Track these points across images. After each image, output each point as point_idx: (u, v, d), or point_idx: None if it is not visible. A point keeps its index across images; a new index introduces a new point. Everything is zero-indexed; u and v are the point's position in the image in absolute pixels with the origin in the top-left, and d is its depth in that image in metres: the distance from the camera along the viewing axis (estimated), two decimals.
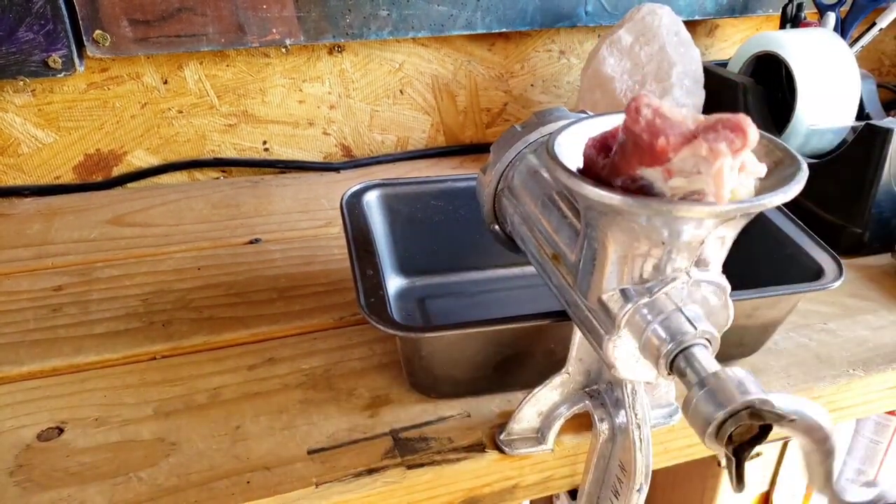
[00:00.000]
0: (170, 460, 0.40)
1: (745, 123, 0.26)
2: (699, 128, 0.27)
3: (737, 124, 0.26)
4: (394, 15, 0.71)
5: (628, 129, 0.28)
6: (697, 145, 0.26)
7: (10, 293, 0.55)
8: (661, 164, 0.27)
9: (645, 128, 0.27)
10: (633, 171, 0.28)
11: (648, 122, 0.27)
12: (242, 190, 0.73)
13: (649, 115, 0.27)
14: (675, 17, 0.71)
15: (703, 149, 0.26)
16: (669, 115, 0.27)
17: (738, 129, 0.26)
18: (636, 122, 0.27)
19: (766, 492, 0.59)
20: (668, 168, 0.27)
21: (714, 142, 0.26)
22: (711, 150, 0.25)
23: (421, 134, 0.81)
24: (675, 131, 0.27)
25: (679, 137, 0.26)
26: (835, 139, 0.66)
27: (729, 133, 0.26)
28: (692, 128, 0.27)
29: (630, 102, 0.28)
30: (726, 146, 0.25)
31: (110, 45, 0.64)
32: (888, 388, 0.49)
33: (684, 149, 0.26)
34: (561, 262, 0.38)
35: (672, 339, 0.29)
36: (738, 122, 0.26)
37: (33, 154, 0.70)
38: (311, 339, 0.50)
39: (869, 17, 0.77)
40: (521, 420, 0.41)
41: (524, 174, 0.42)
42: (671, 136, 0.26)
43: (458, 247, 0.57)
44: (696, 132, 0.26)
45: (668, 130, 0.27)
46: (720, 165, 0.25)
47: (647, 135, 0.27)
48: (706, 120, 0.27)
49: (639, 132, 0.27)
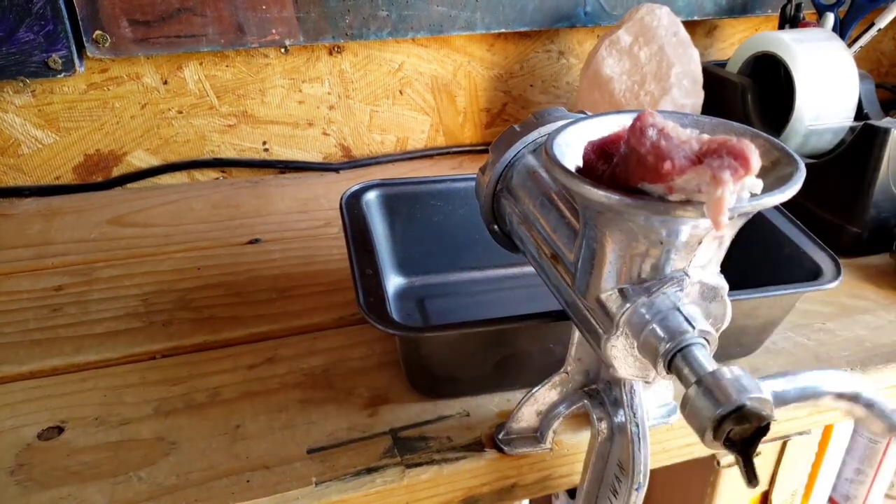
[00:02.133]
0: (169, 459, 0.40)
1: (748, 151, 0.26)
2: (703, 150, 0.27)
3: (740, 152, 0.26)
4: (393, 15, 0.71)
5: (633, 148, 0.28)
6: (702, 171, 0.26)
7: (10, 293, 0.55)
8: (664, 183, 0.27)
9: (650, 150, 0.27)
10: (634, 185, 0.28)
11: (654, 143, 0.27)
12: (242, 190, 0.73)
13: (654, 136, 0.27)
14: (674, 17, 0.71)
15: (707, 175, 0.26)
16: (674, 135, 0.28)
17: (742, 157, 0.26)
18: (641, 144, 0.27)
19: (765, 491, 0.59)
20: (670, 186, 0.27)
21: (718, 169, 0.26)
22: (715, 177, 0.26)
23: (420, 134, 0.82)
24: (680, 154, 0.27)
25: (684, 161, 0.27)
26: (833, 139, 0.66)
27: (732, 161, 0.26)
28: (696, 148, 0.27)
29: (635, 121, 0.28)
30: (730, 174, 0.26)
31: (110, 45, 0.65)
32: (887, 387, 0.49)
33: (688, 172, 0.27)
34: (559, 262, 0.38)
35: (670, 339, 0.29)
36: (741, 150, 0.26)
37: (33, 154, 0.70)
38: (310, 338, 0.50)
39: (868, 18, 0.77)
40: (520, 419, 0.41)
41: (523, 174, 0.42)
42: (676, 161, 0.27)
43: (457, 247, 0.57)
44: (700, 154, 0.27)
45: (673, 153, 0.27)
46: (722, 193, 0.26)
47: (652, 157, 0.27)
48: (711, 142, 0.27)
49: (644, 153, 0.27)
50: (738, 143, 0.26)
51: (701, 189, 0.27)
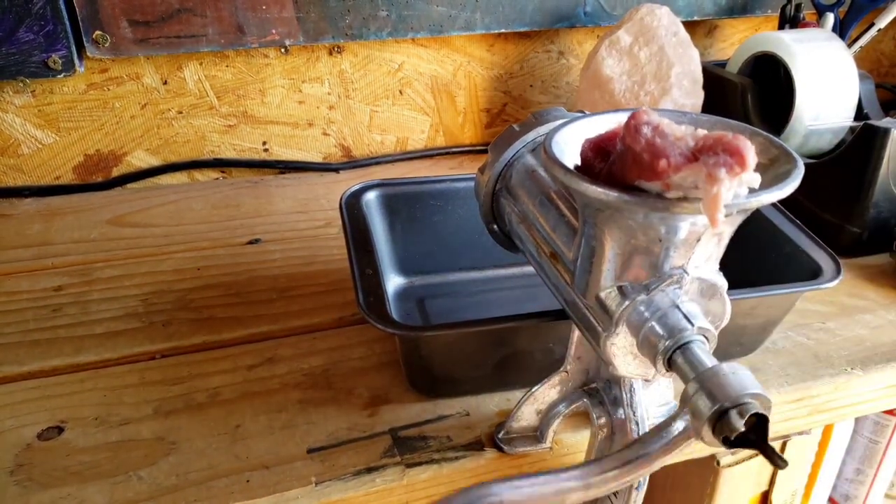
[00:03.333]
0: (169, 459, 0.40)
1: (744, 148, 0.26)
2: (699, 146, 0.27)
3: (736, 149, 0.26)
4: (393, 16, 0.71)
5: (628, 146, 0.28)
6: (698, 169, 0.26)
7: (10, 293, 0.55)
8: (660, 181, 0.27)
9: (646, 147, 0.27)
10: (631, 183, 0.28)
11: (649, 141, 0.27)
12: (242, 190, 0.73)
13: (649, 134, 0.27)
14: (674, 17, 0.71)
15: (702, 173, 0.26)
16: (669, 132, 0.27)
17: (737, 154, 0.26)
18: (637, 142, 0.27)
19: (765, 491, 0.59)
20: (666, 183, 0.27)
21: (714, 167, 0.26)
22: (710, 175, 0.26)
23: (420, 134, 0.82)
24: (676, 151, 0.27)
25: (680, 158, 0.27)
26: (833, 139, 0.66)
27: (728, 158, 0.26)
28: (692, 145, 0.27)
29: (629, 119, 0.28)
30: (725, 172, 0.26)
31: (110, 45, 0.65)
32: (886, 387, 0.49)
33: (684, 169, 0.27)
34: (559, 261, 0.38)
35: (669, 336, 0.29)
36: (737, 148, 0.26)
37: (33, 154, 0.70)
38: (310, 338, 0.50)
39: (867, 18, 0.77)
40: (520, 418, 0.41)
41: (522, 174, 0.42)
42: (672, 158, 0.27)
43: (456, 246, 0.57)
44: (696, 152, 0.27)
45: (668, 151, 0.27)
46: (717, 191, 0.26)
47: (647, 155, 0.27)
48: (706, 138, 0.27)
49: (639, 151, 0.27)
50: (733, 139, 0.26)
51: (697, 186, 0.27)
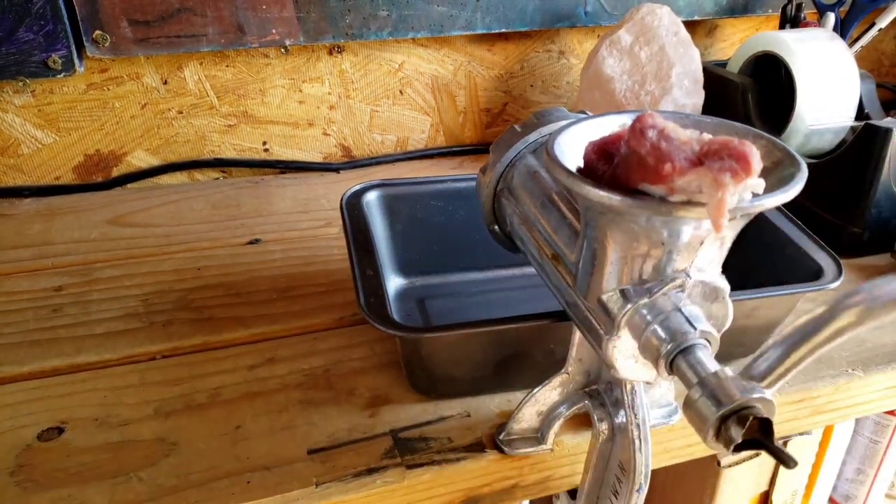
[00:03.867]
0: (170, 460, 0.40)
1: (749, 154, 0.26)
2: (704, 151, 0.27)
3: (742, 154, 0.26)
4: (393, 15, 0.71)
5: (633, 149, 0.28)
6: (702, 173, 0.26)
7: (10, 293, 0.55)
8: (665, 184, 0.27)
9: (650, 151, 0.27)
10: (634, 186, 0.28)
11: (654, 144, 0.27)
12: (242, 190, 0.73)
13: (654, 137, 0.27)
14: (675, 17, 0.71)
15: (707, 177, 0.26)
16: (675, 135, 0.27)
17: (743, 159, 0.26)
18: (641, 145, 0.27)
19: (765, 491, 0.59)
20: (670, 187, 0.27)
21: (719, 172, 0.26)
22: (716, 180, 0.26)
23: (421, 134, 0.81)
24: (681, 156, 0.27)
25: (685, 163, 0.27)
26: (834, 139, 0.66)
27: (734, 163, 0.26)
28: (697, 149, 0.27)
29: (635, 122, 0.28)
30: (730, 177, 0.26)
31: (110, 45, 0.64)
32: (887, 387, 0.49)
33: (689, 173, 0.26)
34: (560, 263, 0.38)
35: (672, 340, 0.29)
36: (743, 153, 0.26)
37: (33, 154, 0.70)
38: (311, 339, 0.50)
39: (868, 17, 0.77)
40: (521, 420, 0.41)
41: (524, 175, 0.42)
42: (677, 162, 0.26)
43: (457, 247, 0.57)
44: (701, 156, 0.27)
45: (673, 155, 0.27)
46: (722, 196, 0.26)
47: (652, 158, 0.27)
48: (711, 142, 0.27)
49: (644, 154, 0.27)
50: (739, 144, 0.26)
51: (702, 190, 0.26)
